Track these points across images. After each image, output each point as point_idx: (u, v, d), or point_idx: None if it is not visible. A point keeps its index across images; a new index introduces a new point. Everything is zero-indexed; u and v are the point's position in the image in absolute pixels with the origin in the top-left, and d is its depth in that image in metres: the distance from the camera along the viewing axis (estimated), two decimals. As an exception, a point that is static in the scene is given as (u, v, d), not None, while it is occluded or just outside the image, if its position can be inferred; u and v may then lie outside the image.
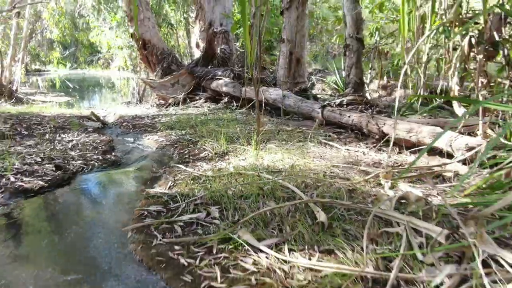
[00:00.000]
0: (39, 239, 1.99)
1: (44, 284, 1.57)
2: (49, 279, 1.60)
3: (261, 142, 3.39)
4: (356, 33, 4.64)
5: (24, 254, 1.82)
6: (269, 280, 1.46)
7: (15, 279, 1.59)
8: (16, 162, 3.11)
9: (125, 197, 2.65)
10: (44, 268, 1.68)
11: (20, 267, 1.69)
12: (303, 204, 1.97)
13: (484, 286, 1.28)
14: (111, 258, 1.78)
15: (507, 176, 1.98)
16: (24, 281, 1.58)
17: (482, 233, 1.41)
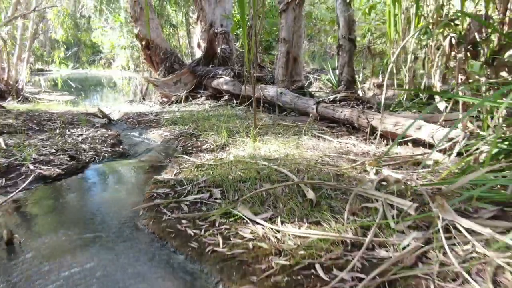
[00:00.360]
0: (63, 213, 2.23)
1: (75, 238, 1.81)
2: (76, 235, 1.84)
3: (258, 135, 3.63)
4: (348, 34, 4.88)
5: (54, 222, 2.06)
6: (264, 245, 1.70)
7: (53, 235, 1.83)
8: (33, 153, 3.35)
9: (135, 183, 2.89)
10: (71, 229, 1.93)
11: (54, 230, 1.93)
12: (295, 185, 2.21)
13: (443, 247, 1.52)
14: (125, 229, 2.02)
15: (475, 161, 2.22)
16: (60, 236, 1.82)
17: (444, 204, 1.65)
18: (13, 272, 1.61)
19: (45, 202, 2.45)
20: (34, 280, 1.56)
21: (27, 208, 2.33)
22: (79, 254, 1.76)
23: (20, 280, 1.56)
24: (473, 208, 1.87)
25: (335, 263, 1.54)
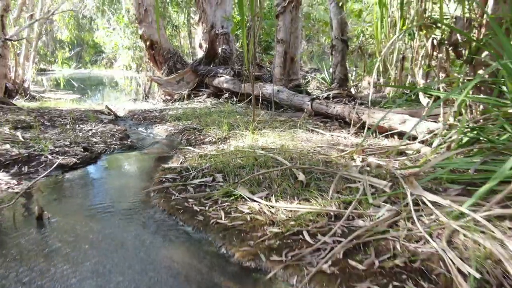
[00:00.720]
0: (83, 195, 2.50)
1: (94, 215, 2.08)
2: (96, 213, 2.11)
3: (257, 129, 3.89)
4: (341, 35, 5.14)
5: (75, 202, 2.33)
6: (260, 217, 1.97)
7: (75, 212, 2.10)
8: (49, 145, 3.61)
9: (144, 170, 3.16)
10: (91, 208, 2.19)
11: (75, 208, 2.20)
12: (288, 169, 2.48)
13: (411, 216, 1.78)
14: (139, 208, 2.28)
15: (448, 149, 2.48)
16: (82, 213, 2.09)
17: (413, 182, 1.91)
18: (43, 242, 1.88)
19: (67, 186, 2.71)
20: (61, 247, 1.82)
21: (52, 190, 2.60)
22: (99, 226, 2.03)
23: (50, 248, 1.82)
24: (442, 188, 2.13)
25: (319, 230, 1.81)
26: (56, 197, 2.47)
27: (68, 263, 1.66)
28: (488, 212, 1.65)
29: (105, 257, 1.72)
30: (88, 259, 1.70)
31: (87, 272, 1.60)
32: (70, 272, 1.60)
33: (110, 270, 1.62)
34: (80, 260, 1.69)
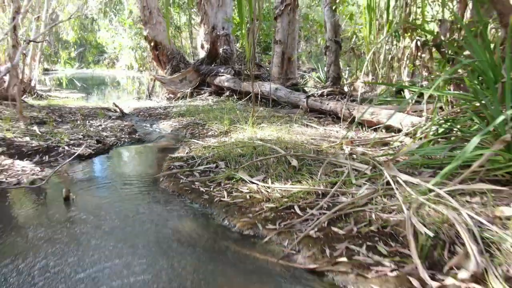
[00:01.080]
0: (100, 180, 2.79)
1: (112, 196, 2.36)
2: (113, 195, 2.39)
3: (255, 124, 4.17)
4: (335, 37, 5.42)
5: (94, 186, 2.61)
6: (257, 196, 2.25)
7: (95, 194, 2.38)
8: (65, 138, 3.89)
9: (153, 160, 3.44)
10: (108, 191, 2.48)
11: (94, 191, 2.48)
12: (283, 157, 2.76)
13: (387, 194, 2.06)
14: (151, 190, 2.57)
15: (425, 138, 2.76)
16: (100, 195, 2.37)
17: (389, 165, 2.20)
18: (70, 219, 2.16)
19: (85, 172, 2.99)
20: (86, 223, 2.10)
21: (73, 176, 2.88)
22: (117, 205, 2.31)
23: (77, 219, 2.10)
24: (418, 171, 2.42)
25: (308, 205, 2.09)
26: (76, 182, 2.75)
27: (92, 229, 1.94)
28: (450, 188, 1.93)
29: (116, 230, 2.00)
30: (108, 226, 1.98)
31: (107, 235, 1.88)
32: (93, 234, 1.88)
33: (119, 240, 1.90)
34: (102, 227, 1.97)
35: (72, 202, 2.36)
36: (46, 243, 1.82)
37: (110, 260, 1.67)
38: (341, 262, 1.59)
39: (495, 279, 1.35)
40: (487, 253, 1.47)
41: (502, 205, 1.80)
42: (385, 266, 1.54)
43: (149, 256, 1.72)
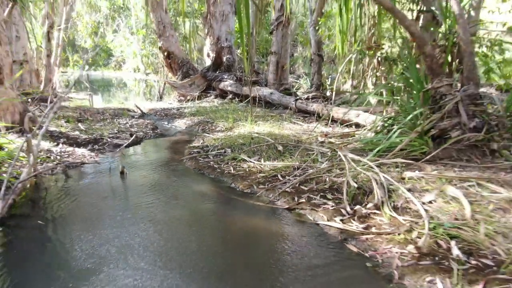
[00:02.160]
0: (141, 161, 3.74)
1: (153, 171, 3.31)
2: (153, 171, 3.34)
3: (253, 121, 5.12)
4: (318, 51, 6.36)
5: (136, 165, 3.56)
6: (253, 169, 3.21)
7: (139, 171, 3.33)
8: (105, 132, 4.85)
9: (176, 148, 4.40)
10: (148, 168, 3.43)
11: (138, 169, 3.43)
12: (272, 145, 3.71)
13: (340, 167, 3.02)
14: (179, 167, 3.52)
15: (376, 133, 3.71)
16: (142, 172, 3.32)
17: (342, 148, 3.15)
18: (126, 188, 3.11)
19: (128, 156, 3.95)
20: (137, 187, 3.06)
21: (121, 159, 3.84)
22: (156, 177, 3.27)
23: (130, 187, 3.06)
24: (366, 154, 3.37)
25: (287, 174, 3.04)
26: (125, 163, 3.71)
27: (142, 190, 2.90)
28: (377, 162, 2.89)
29: (161, 189, 2.96)
30: (152, 190, 2.94)
31: (151, 196, 2.84)
32: (144, 193, 2.83)
33: (160, 189, 2.86)
34: (148, 191, 2.93)
35: (126, 175, 3.31)
36: (114, 195, 2.78)
37: (157, 206, 2.62)
38: (303, 203, 2.55)
39: (386, 208, 2.30)
40: (387, 196, 2.42)
41: (408, 171, 2.76)
42: (328, 205, 2.49)
43: (185, 203, 2.67)
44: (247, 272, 1.82)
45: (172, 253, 1.94)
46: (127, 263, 1.83)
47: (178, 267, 1.80)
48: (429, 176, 2.62)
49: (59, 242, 2.07)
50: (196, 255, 1.94)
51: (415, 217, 2.18)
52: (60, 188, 2.92)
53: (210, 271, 1.79)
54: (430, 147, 3.12)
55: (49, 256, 1.93)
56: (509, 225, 2.00)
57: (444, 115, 3.23)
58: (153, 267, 1.80)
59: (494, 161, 3.01)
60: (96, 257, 1.88)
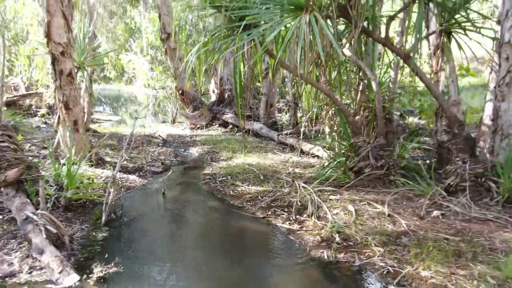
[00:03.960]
0: (172, 184, 5.51)
1: (181, 192, 5.08)
2: (181, 190, 5.11)
3: (246, 153, 6.89)
4: (294, 100, 8.15)
5: (171, 186, 5.31)
6: (244, 192, 4.98)
7: (173, 191, 5.10)
8: (143, 161, 6.61)
9: (193, 174, 6.18)
10: (179, 189, 5.20)
11: (172, 189, 5.19)
12: (257, 174, 5.48)
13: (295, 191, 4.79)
14: (197, 188, 5.30)
15: (323, 168, 5.47)
16: (176, 191, 5.09)
17: (297, 177, 4.92)
18: (167, 202, 4.88)
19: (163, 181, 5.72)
20: (174, 202, 4.84)
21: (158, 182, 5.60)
22: (184, 195, 5.04)
23: (171, 203, 4.83)
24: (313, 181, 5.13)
25: (264, 195, 4.80)
26: (163, 185, 5.48)
27: (176, 204, 4.67)
28: (317, 188, 4.66)
29: (188, 203, 4.73)
30: (183, 204, 4.71)
31: (183, 207, 4.61)
32: (178, 207, 4.60)
33: (189, 204, 4.64)
34: (181, 205, 4.70)
35: (165, 195, 5.07)
36: (160, 209, 4.56)
37: (188, 213, 4.39)
38: (271, 214, 4.31)
39: (313, 217, 4.07)
40: (316, 209, 4.18)
41: (333, 195, 4.52)
42: (284, 215, 4.26)
43: (203, 212, 4.45)
44: (236, 243, 3.60)
45: (200, 233, 3.72)
46: (181, 235, 3.61)
47: (203, 237, 3.58)
48: (342, 198, 4.40)
49: (144, 231, 3.84)
50: (209, 235, 3.72)
51: (327, 222, 3.95)
52: (130, 204, 4.69)
53: (215, 241, 3.57)
54: (351, 178, 4.90)
55: (141, 237, 3.70)
56: (370, 226, 3.77)
57: (360, 158, 5.01)
58: (194, 237, 3.58)
59: (389, 188, 4.78)
60: (165, 234, 3.66)
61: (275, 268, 3.31)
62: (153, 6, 24.15)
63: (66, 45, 5.55)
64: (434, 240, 3.38)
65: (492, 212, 3.86)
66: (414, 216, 3.93)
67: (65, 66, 5.60)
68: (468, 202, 4.06)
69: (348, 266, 3.21)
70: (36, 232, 3.43)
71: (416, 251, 3.22)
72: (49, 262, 3.09)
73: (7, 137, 4.65)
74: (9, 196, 4.20)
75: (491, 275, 2.82)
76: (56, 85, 5.72)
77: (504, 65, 4.01)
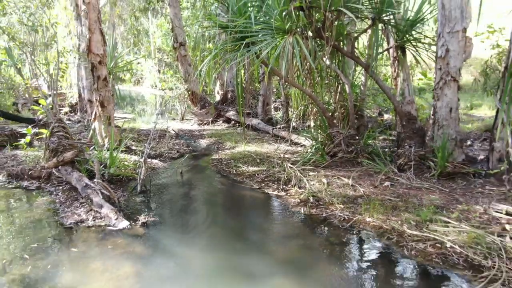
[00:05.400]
0: (187, 166, 6.64)
1: (195, 172, 6.21)
2: (195, 171, 6.25)
3: (246, 143, 8.01)
4: (286, 100, 9.26)
5: (186, 167, 6.44)
6: (244, 171, 6.11)
7: (188, 172, 6.23)
8: (162, 149, 7.73)
9: (203, 159, 7.31)
10: (192, 171, 6.34)
11: (186, 170, 6.32)
12: (255, 158, 6.61)
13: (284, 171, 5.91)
14: (207, 170, 6.43)
15: (306, 153, 6.59)
16: (190, 171, 6.23)
17: (286, 160, 6.04)
18: (185, 180, 6.02)
19: (180, 164, 6.84)
20: (191, 180, 5.97)
21: (175, 165, 6.72)
22: (197, 175, 6.18)
23: (187, 181, 5.97)
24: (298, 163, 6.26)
25: (260, 173, 5.94)
26: (179, 167, 6.60)
27: (193, 181, 5.80)
28: (301, 168, 5.78)
29: (202, 180, 5.87)
30: (198, 181, 5.84)
31: (198, 183, 5.74)
32: (194, 182, 5.73)
33: (202, 180, 5.78)
34: (196, 182, 5.83)
35: (182, 174, 6.20)
36: (179, 183, 5.70)
37: (202, 187, 5.53)
38: (264, 185, 5.44)
39: (296, 187, 5.19)
40: (299, 182, 5.31)
41: (312, 172, 5.64)
42: (274, 186, 5.39)
43: (214, 185, 5.58)
44: (238, 204, 4.74)
45: (211, 198, 4.87)
46: (197, 199, 4.75)
47: (214, 201, 4.73)
48: (319, 174, 5.53)
49: (169, 197, 4.98)
50: (218, 199, 4.86)
51: (305, 190, 5.07)
52: (156, 180, 5.82)
53: (223, 203, 4.72)
54: (327, 160, 6.03)
55: (167, 200, 4.84)
56: (336, 192, 4.89)
57: (335, 145, 6.13)
58: (207, 200, 4.72)
59: (356, 167, 5.91)
60: (185, 198, 4.80)
61: (266, 219, 4.45)
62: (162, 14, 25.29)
63: (102, 55, 6.68)
64: (381, 200, 4.50)
65: (428, 183, 5.00)
66: (370, 186, 5.06)
67: (102, 73, 6.72)
68: (412, 176, 5.19)
69: (318, 217, 4.34)
70: (94, 194, 4.56)
71: (366, 207, 4.34)
72: (107, 213, 4.22)
73: (62, 128, 5.80)
74: (67, 171, 5.34)
75: (413, 219, 3.95)
76: (94, 87, 6.85)
77: (438, 74, 5.12)
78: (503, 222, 3.80)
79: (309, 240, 3.89)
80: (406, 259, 3.35)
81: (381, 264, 3.39)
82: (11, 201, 4.91)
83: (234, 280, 3.15)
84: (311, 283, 3.05)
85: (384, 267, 3.33)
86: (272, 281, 3.14)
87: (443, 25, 4.90)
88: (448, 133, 5.17)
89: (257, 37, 4.99)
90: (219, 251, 3.64)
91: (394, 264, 3.34)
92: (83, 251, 3.55)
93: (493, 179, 4.94)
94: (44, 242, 3.73)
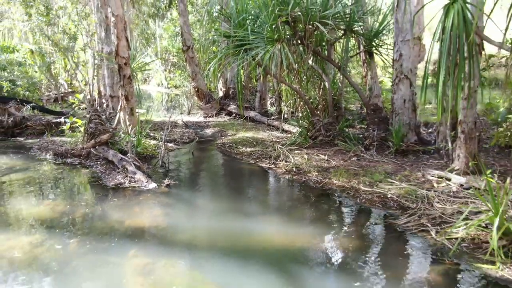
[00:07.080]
0: (196, 148, 7.77)
1: (203, 151, 7.34)
2: (203, 151, 7.37)
3: (245, 131, 9.12)
4: (278, 95, 10.38)
5: (194, 149, 7.57)
6: (243, 151, 7.24)
7: (198, 152, 7.35)
8: (175, 136, 8.84)
9: (210, 143, 8.44)
10: (201, 151, 7.46)
11: (196, 150, 7.45)
12: (252, 142, 7.73)
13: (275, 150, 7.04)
14: (212, 151, 7.55)
15: (294, 137, 7.72)
16: (199, 151, 7.35)
17: (276, 142, 7.16)
18: (196, 158, 7.15)
19: (191, 147, 7.96)
20: (201, 159, 7.10)
21: (187, 148, 7.84)
22: (206, 153, 7.30)
23: (198, 159, 7.09)
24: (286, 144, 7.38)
25: (255, 153, 7.07)
26: (189, 148, 7.71)
27: (203, 159, 6.93)
28: (289, 148, 6.91)
29: (210, 158, 7.00)
30: (207, 159, 6.97)
31: (207, 161, 6.87)
32: (203, 161, 6.86)
33: (209, 158, 6.90)
34: (206, 160, 6.96)
35: (193, 154, 7.32)
36: (191, 160, 6.83)
37: (210, 162, 6.66)
38: (259, 160, 6.57)
39: (283, 161, 6.32)
40: (286, 157, 6.44)
41: (297, 151, 6.76)
42: (266, 161, 6.51)
43: (219, 162, 6.71)
44: (238, 173, 5.88)
45: (217, 170, 6.01)
46: (206, 171, 5.88)
47: (220, 172, 5.86)
48: (302, 152, 6.66)
49: (185, 170, 6.10)
50: (223, 171, 6.00)
51: (290, 163, 6.19)
52: (172, 158, 6.93)
53: (227, 173, 5.85)
54: (309, 142, 7.15)
55: (183, 172, 5.96)
56: (314, 164, 6.01)
57: (315, 130, 7.25)
58: (214, 172, 5.85)
59: (332, 147, 7.03)
60: (197, 171, 5.94)
61: (260, 182, 5.59)
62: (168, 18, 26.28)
63: (127, 58, 7.77)
64: (347, 169, 5.63)
65: (386, 158, 6.12)
66: (341, 160, 6.19)
67: (127, 72, 7.82)
68: (374, 153, 6.31)
69: (298, 181, 5.46)
70: (128, 164, 5.69)
71: (335, 174, 5.47)
72: (140, 177, 5.35)
73: (97, 116, 6.91)
74: (104, 150, 6.46)
75: (368, 181, 5.08)
76: (120, 84, 7.94)
77: (394, 73, 6.23)
78: (433, 182, 4.93)
79: (290, 195, 5.03)
80: (357, 205, 4.49)
81: (338, 206, 4.54)
82: (62, 171, 6.04)
83: (235, 218, 4.28)
84: (287, 219, 4.20)
85: (340, 208, 4.48)
86: (262, 218, 4.28)
87: (397, 35, 6.00)
88: (402, 119, 6.28)
89: (253, 44, 6.08)
90: (224, 202, 4.78)
91: (348, 207, 4.48)
92: (125, 202, 4.68)
93: (436, 155, 6.07)
94: (96, 196, 4.87)
